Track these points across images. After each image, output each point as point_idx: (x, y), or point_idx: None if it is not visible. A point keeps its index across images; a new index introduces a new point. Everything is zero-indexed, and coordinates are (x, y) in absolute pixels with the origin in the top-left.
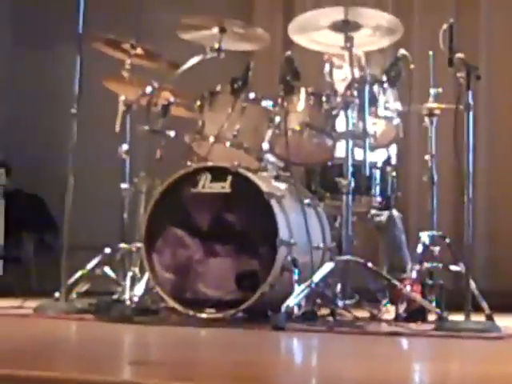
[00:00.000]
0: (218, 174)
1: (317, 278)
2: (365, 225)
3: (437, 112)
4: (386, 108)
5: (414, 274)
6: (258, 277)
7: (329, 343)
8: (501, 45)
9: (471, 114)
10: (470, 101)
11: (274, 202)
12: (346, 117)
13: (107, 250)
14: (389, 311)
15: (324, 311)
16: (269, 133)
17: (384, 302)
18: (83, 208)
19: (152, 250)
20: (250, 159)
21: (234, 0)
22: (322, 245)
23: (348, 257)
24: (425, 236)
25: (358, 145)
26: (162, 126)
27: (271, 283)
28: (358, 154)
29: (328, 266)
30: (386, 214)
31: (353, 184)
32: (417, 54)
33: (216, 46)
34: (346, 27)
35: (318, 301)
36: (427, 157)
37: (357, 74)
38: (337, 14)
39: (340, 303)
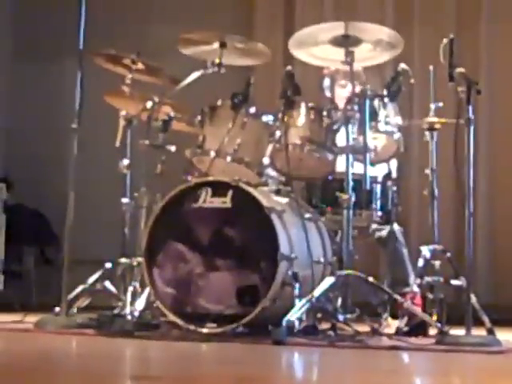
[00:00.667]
0: (219, 188)
1: (318, 292)
2: (366, 239)
3: (437, 126)
4: (386, 123)
5: (415, 288)
6: (258, 291)
7: (330, 357)
8: (501, 59)
9: (472, 128)
10: (471, 115)
11: (274, 217)
12: (347, 131)
13: (108, 265)
14: (390, 325)
15: (325, 325)
16: (269, 147)
17: (385, 316)
18: (84, 222)
19: (153, 264)
20: (251, 174)
21: (234, 15)
22: (322, 259)
23: (349, 271)
24: (426, 250)
25: (358, 159)
26: (163, 141)
27: (272, 298)
28: (359, 169)
29: (329, 281)
30: (386, 228)
31: (353, 198)
32: (417, 69)
33: (217, 60)
34: (346, 42)
35: (319, 315)
36: (428, 171)
37: (357, 88)
38: (337, 28)
39: (341, 317)
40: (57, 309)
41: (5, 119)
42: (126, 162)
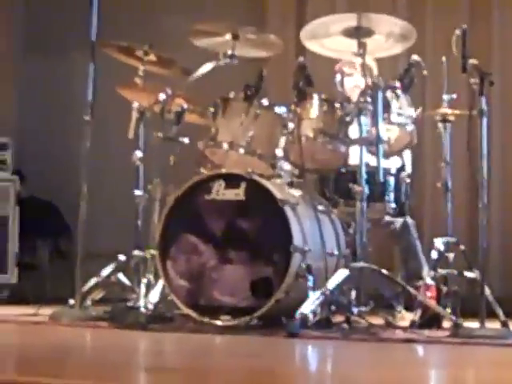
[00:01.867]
0: (232, 180)
1: (331, 284)
2: (379, 231)
3: (450, 118)
4: (399, 114)
5: (428, 281)
6: (272, 284)
7: (343, 350)
8: None
9: (485, 119)
10: (484, 106)
11: (287, 209)
12: (360, 123)
13: (122, 257)
14: (404, 318)
15: (339, 318)
16: (282, 139)
17: (399, 308)
18: (97, 215)
19: (166, 256)
20: (264, 166)
21: (246, 6)
22: (336, 251)
23: (362, 263)
24: (439, 242)
25: (371, 151)
26: (176, 133)
27: (286, 290)
28: (372, 161)
29: (342, 273)
30: (400, 220)
31: (367, 190)
32: (430, 60)
33: (229, 52)
34: (358, 33)
35: (333, 308)
36: (441, 163)
37: (369, 80)
38: (349, 20)
39: (355, 310)
40: (71, 301)
41: (17, 112)
42: (139, 154)
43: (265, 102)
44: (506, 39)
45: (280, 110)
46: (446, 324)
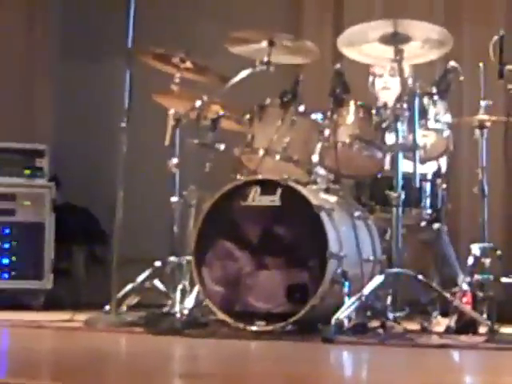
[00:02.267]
0: (268, 187)
1: (367, 290)
2: (415, 237)
3: (487, 124)
4: (436, 120)
5: (464, 286)
6: (307, 289)
7: (379, 356)
8: None
9: None
10: None
11: (323, 215)
12: (396, 129)
13: (157, 263)
14: (439, 323)
15: (374, 324)
16: (318, 145)
17: (434, 314)
18: (133, 221)
19: (202, 263)
20: (300, 172)
21: (283, 13)
22: (372, 257)
23: (398, 269)
24: (476, 248)
25: (407, 157)
26: (212, 140)
27: (321, 296)
28: (408, 167)
29: (378, 279)
30: (433, 227)
31: (403, 196)
32: (467, 66)
33: (265, 59)
34: (395, 40)
35: (369, 313)
36: (478, 169)
37: (401, 84)
38: (386, 26)
39: (390, 316)
40: (106, 307)
41: (54, 118)
42: (175, 160)
43: (301, 108)
44: None
45: (316, 116)
46: (482, 330)
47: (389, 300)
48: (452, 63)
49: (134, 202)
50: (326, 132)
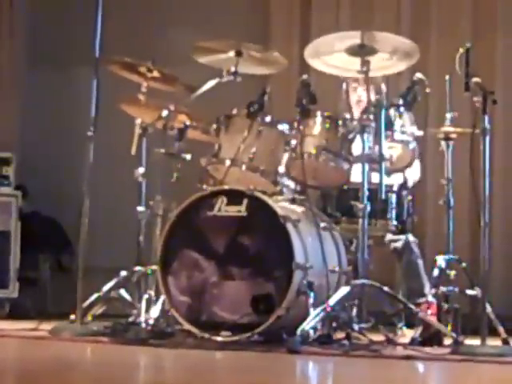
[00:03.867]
0: (234, 197)
1: (332, 301)
2: (381, 249)
3: (453, 136)
4: (402, 132)
5: (430, 298)
6: (273, 300)
7: (344, 367)
8: None
9: (487, 138)
10: (487, 125)
11: (289, 226)
12: (362, 141)
13: (123, 273)
14: (405, 335)
15: (339, 335)
16: (285, 156)
17: (400, 325)
18: (99, 230)
19: (168, 272)
20: (266, 182)
21: (250, 23)
22: (337, 268)
23: (364, 280)
24: (441, 260)
25: (373, 169)
26: (178, 150)
27: (287, 306)
28: (374, 178)
29: (344, 290)
30: (402, 238)
31: (369, 208)
32: (433, 78)
33: (232, 69)
34: (362, 51)
35: (334, 324)
36: (443, 181)
37: (373, 97)
38: (353, 38)
39: (356, 327)
40: (72, 316)
41: (20, 127)
42: (141, 170)
43: (268, 119)
44: (510, 58)
45: (283, 127)
46: (447, 341)
47: (354, 311)
48: (418, 75)
49: (100, 211)
50: (293, 143)
